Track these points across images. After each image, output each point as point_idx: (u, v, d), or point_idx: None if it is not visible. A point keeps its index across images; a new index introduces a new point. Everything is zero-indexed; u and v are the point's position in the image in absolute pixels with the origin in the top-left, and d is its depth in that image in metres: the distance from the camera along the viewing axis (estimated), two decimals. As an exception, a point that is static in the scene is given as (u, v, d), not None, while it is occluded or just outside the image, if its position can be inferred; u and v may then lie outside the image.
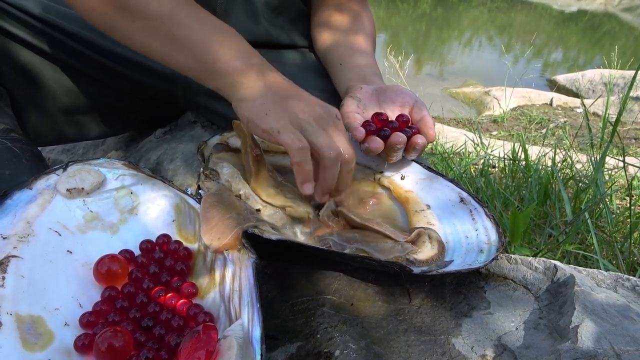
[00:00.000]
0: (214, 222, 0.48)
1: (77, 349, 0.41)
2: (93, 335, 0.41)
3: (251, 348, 0.37)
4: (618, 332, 0.43)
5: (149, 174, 0.56)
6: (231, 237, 0.46)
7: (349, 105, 0.63)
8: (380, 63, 2.69)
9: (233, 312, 0.42)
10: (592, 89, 3.36)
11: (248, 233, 0.46)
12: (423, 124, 0.61)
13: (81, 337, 0.41)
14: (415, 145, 0.59)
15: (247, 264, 0.43)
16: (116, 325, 0.42)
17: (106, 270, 0.47)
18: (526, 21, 7.24)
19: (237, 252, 0.45)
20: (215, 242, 0.46)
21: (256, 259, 0.43)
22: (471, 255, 0.51)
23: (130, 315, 0.44)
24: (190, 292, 0.47)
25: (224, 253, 0.46)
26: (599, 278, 0.53)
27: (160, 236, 0.51)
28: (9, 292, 0.41)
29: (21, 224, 0.47)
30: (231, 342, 0.36)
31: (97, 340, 0.39)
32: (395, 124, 0.61)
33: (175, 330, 0.43)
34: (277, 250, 0.50)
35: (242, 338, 0.37)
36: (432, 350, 0.44)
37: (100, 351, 0.39)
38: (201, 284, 0.48)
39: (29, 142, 0.68)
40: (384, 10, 6.76)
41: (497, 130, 2.54)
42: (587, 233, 0.96)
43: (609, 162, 1.46)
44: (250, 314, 0.39)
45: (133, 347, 0.41)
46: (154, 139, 0.87)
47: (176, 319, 0.43)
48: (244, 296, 0.41)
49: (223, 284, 0.45)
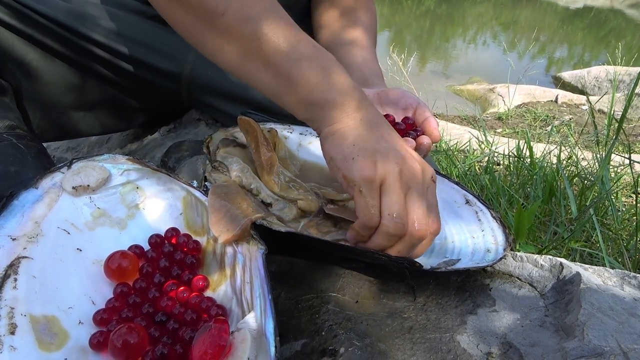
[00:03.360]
0: (222, 214, 0.48)
1: (92, 347, 0.41)
2: (108, 333, 0.41)
3: (265, 340, 0.37)
4: (625, 329, 0.43)
5: (154, 168, 0.56)
6: (240, 228, 0.46)
7: None
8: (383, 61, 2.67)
9: (245, 304, 0.42)
10: (597, 86, 3.34)
11: (257, 225, 0.46)
12: (427, 125, 0.61)
13: (96, 334, 0.41)
14: (421, 146, 0.59)
15: (257, 255, 0.43)
16: (130, 322, 0.42)
17: (117, 267, 0.47)
18: (531, 17, 7.19)
19: (246, 244, 0.45)
20: (224, 234, 0.46)
21: (266, 250, 0.43)
22: (478, 254, 0.51)
23: (144, 310, 0.44)
24: (201, 285, 0.47)
25: (233, 245, 0.46)
26: (605, 276, 0.52)
27: (169, 230, 0.51)
28: (21, 294, 0.42)
29: (29, 224, 0.47)
30: (245, 335, 0.36)
31: (112, 337, 0.39)
32: (401, 126, 0.61)
33: (188, 324, 0.43)
34: (285, 243, 0.50)
35: (256, 330, 0.37)
36: (438, 348, 0.44)
37: (116, 348, 0.39)
38: (212, 277, 0.48)
39: (34, 139, 0.68)
40: (387, 7, 6.74)
41: (502, 127, 2.53)
42: (593, 231, 0.95)
43: (615, 159, 1.45)
44: (263, 306, 0.39)
45: (148, 342, 0.41)
46: (158, 136, 0.88)
47: (189, 313, 0.43)
48: (255, 288, 0.41)
49: (234, 277, 0.45)
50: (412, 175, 0.46)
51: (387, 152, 0.46)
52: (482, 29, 6.21)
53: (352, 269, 0.53)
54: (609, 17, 7.48)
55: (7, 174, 0.60)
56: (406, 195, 0.46)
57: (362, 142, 0.46)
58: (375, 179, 0.45)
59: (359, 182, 0.45)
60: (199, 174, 0.68)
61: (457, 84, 3.58)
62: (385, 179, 0.45)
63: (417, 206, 0.46)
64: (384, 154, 0.46)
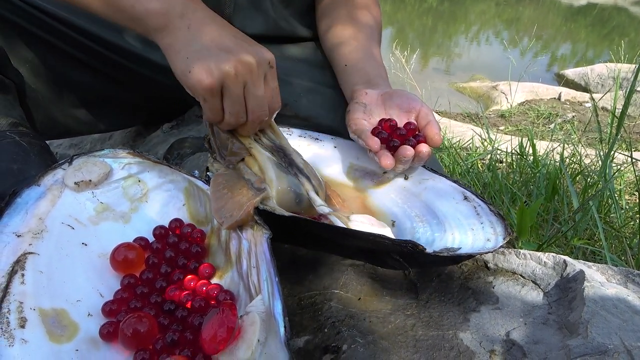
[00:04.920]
0: (224, 200, 0.48)
1: (102, 337, 0.41)
2: (117, 323, 0.41)
3: (274, 321, 0.37)
4: (629, 327, 0.43)
5: (155, 160, 0.56)
6: (243, 212, 0.46)
7: (355, 111, 0.63)
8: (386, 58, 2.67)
9: (252, 288, 0.42)
10: (601, 83, 3.33)
11: (260, 210, 0.46)
12: (429, 130, 0.61)
13: (105, 325, 0.42)
14: (419, 153, 0.59)
15: (262, 240, 0.43)
16: (139, 311, 0.42)
17: (123, 259, 0.48)
18: (534, 15, 7.17)
19: (251, 230, 0.45)
20: (228, 220, 0.46)
21: (270, 234, 0.43)
22: (478, 244, 0.51)
23: (152, 300, 0.45)
24: (208, 272, 0.47)
25: (237, 231, 0.47)
26: (609, 273, 0.52)
27: (172, 220, 0.51)
28: (29, 289, 0.42)
29: (34, 221, 0.48)
30: (254, 318, 0.36)
31: (122, 326, 0.40)
32: (403, 131, 0.61)
33: (197, 311, 0.43)
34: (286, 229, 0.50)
35: (265, 312, 0.37)
36: (440, 346, 0.44)
37: (126, 337, 0.40)
38: (218, 264, 0.49)
39: (37, 136, 0.68)
40: (390, 4, 6.72)
41: (505, 125, 2.53)
42: (596, 228, 0.95)
43: (618, 157, 1.45)
44: (270, 289, 0.39)
45: (157, 330, 0.41)
46: (161, 133, 0.88)
47: (197, 300, 0.44)
48: (262, 272, 0.41)
49: (240, 262, 0.46)
50: (247, 71, 0.51)
51: (219, 55, 0.50)
52: (484, 26, 6.19)
53: (353, 265, 0.53)
54: (612, 14, 7.44)
55: (10, 172, 0.60)
56: (244, 89, 0.52)
57: (194, 53, 0.50)
58: (214, 87, 0.50)
59: (201, 93, 0.50)
60: (202, 169, 0.68)
61: (460, 81, 3.57)
62: (223, 83, 0.50)
63: (252, 98, 0.52)
64: (217, 57, 0.50)
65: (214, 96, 0.51)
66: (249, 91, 0.52)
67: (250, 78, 0.52)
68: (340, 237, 0.52)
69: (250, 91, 0.52)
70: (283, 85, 0.77)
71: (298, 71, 0.77)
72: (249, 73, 0.51)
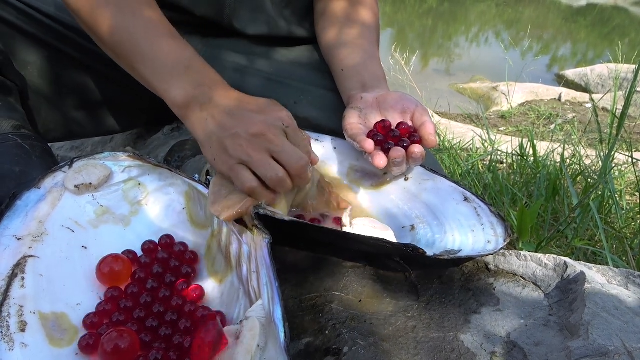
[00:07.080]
0: (222, 196, 0.48)
1: (81, 350, 0.40)
2: (98, 335, 0.40)
3: (274, 326, 0.37)
4: (630, 329, 0.43)
5: (155, 164, 0.56)
6: (242, 205, 0.46)
7: (351, 116, 0.63)
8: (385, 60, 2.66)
9: (252, 293, 0.42)
10: (601, 84, 3.33)
11: (260, 214, 0.46)
12: (424, 130, 0.60)
13: (85, 337, 0.40)
14: (412, 154, 0.59)
15: (262, 244, 0.43)
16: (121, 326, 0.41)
17: (108, 271, 0.47)
18: (534, 15, 7.17)
19: (250, 234, 0.45)
20: (225, 212, 0.46)
21: (270, 239, 0.43)
22: (479, 245, 0.51)
23: (135, 315, 0.44)
24: (195, 295, 0.46)
25: (237, 236, 0.46)
26: (609, 275, 0.52)
27: (162, 237, 0.51)
28: (29, 292, 0.42)
29: (34, 224, 0.48)
30: (254, 323, 0.36)
31: (102, 340, 0.39)
32: (396, 133, 0.61)
33: (182, 331, 0.42)
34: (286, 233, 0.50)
35: (265, 318, 0.37)
36: (441, 347, 0.44)
37: (106, 352, 0.38)
38: (218, 269, 0.49)
39: (39, 139, 0.68)
40: (390, 5, 6.72)
41: (505, 125, 2.53)
42: (596, 229, 0.95)
43: (619, 158, 1.45)
44: (270, 294, 0.39)
45: (139, 347, 0.40)
46: (162, 135, 0.88)
47: (183, 322, 0.43)
48: (262, 276, 0.41)
49: (240, 266, 0.46)
50: (263, 141, 0.51)
51: (234, 138, 0.51)
52: (484, 27, 6.19)
53: (354, 267, 0.53)
54: (612, 15, 7.44)
55: (12, 174, 0.61)
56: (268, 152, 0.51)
57: (214, 143, 0.52)
58: (236, 167, 0.50)
59: (228, 174, 0.51)
60: (202, 172, 0.68)
61: (460, 82, 3.57)
62: (244, 160, 0.50)
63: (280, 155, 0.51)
64: (232, 138, 0.51)
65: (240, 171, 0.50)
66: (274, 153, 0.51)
67: (269, 145, 0.51)
68: (341, 241, 0.52)
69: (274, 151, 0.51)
70: (282, 88, 0.77)
71: (297, 74, 0.77)
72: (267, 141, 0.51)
